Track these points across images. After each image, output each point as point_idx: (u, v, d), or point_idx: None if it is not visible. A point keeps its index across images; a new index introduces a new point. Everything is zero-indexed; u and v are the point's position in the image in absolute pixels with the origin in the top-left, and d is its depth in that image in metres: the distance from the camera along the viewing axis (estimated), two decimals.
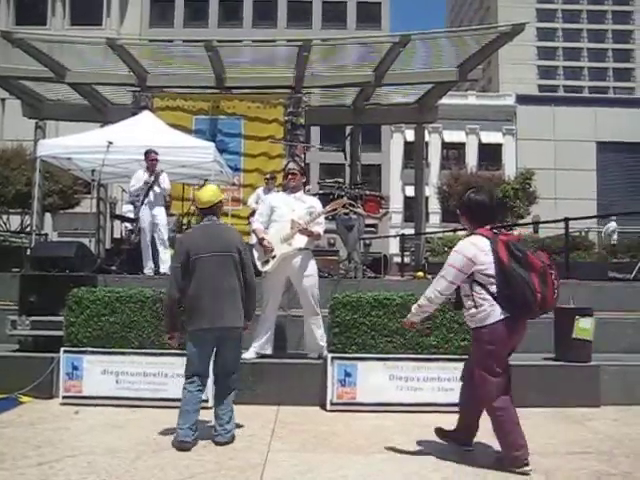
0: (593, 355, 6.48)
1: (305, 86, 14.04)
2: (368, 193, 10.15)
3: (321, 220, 6.49)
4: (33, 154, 14.32)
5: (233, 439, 4.80)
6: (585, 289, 8.40)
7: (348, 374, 6.00)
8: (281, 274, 6.39)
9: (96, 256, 10.24)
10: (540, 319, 7.02)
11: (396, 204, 42.60)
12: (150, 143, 9.70)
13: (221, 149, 12.25)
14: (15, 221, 24.74)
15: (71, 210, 25.99)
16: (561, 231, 12.65)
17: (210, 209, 5.04)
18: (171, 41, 18.50)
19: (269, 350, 6.46)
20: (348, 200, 8.78)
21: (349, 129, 17.27)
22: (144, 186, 9.47)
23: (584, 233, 21.80)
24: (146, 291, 6.38)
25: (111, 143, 9.47)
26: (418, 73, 14.16)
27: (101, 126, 14.03)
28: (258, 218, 6.57)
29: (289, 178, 6.56)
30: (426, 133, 19.08)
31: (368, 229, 17.24)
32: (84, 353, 6.10)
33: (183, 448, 4.58)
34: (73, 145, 10.36)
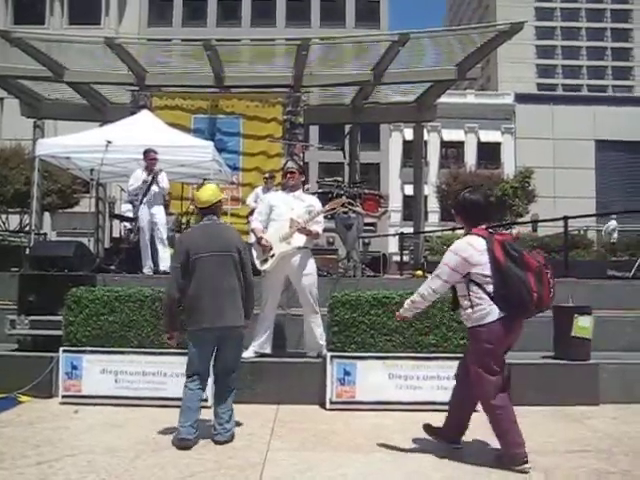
0: (592, 353, 6.48)
1: (304, 85, 14.04)
2: (367, 192, 10.15)
3: (320, 219, 6.48)
4: (32, 153, 14.33)
5: (233, 438, 4.80)
6: (584, 287, 8.41)
7: (347, 373, 6.00)
8: (280, 273, 6.39)
9: (95, 255, 10.24)
10: (539, 317, 7.04)
11: (395, 203, 42.57)
12: (149, 142, 9.70)
13: (220, 148, 12.24)
14: (14, 220, 24.72)
15: (70, 209, 25.98)
16: (560, 229, 12.68)
17: (209, 208, 5.03)
18: (170, 40, 18.49)
19: (268, 349, 6.46)
20: (347, 199, 8.77)
21: (348, 128, 17.25)
22: (143, 185, 9.47)
23: (583, 231, 21.83)
24: (145, 290, 6.37)
25: (110, 142, 9.46)
26: (417, 72, 14.16)
27: (100, 125, 14.02)
28: (257, 217, 6.57)
29: (288, 177, 6.55)
30: (425, 132, 19.09)
31: (367, 228, 17.26)
32: (83, 352, 6.10)
33: (184, 446, 4.58)
34: (72, 144, 10.35)
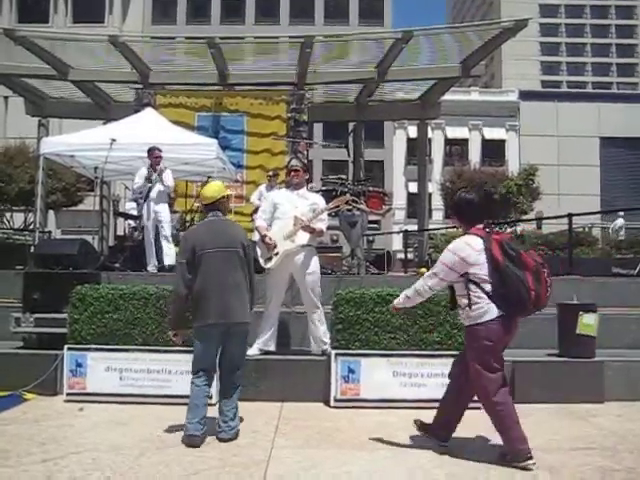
0: (597, 351, 6.48)
1: (308, 82, 14.03)
2: (371, 189, 10.16)
3: (324, 217, 6.47)
4: (36, 152, 14.33)
5: (237, 435, 4.80)
6: (589, 285, 8.41)
7: (352, 370, 6.00)
8: (284, 271, 6.39)
9: (99, 253, 10.24)
10: (543, 315, 7.03)
11: (399, 200, 42.53)
12: (153, 140, 9.70)
13: (224, 146, 12.26)
14: (18, 219, 24.72)
15: (74, 208, 25.96)
16: (565, 227, 12.64)
17: (214, 205, 5.04)
18: (173, 38, 18.48)
19: (272, 347, 6.47)
20: (351, 196, 8.77)
21: (352, 125, 17.22)
22: (145, 183, 9.48)
23: (587, 229, 21.75)
24: (149, 288, 6.39)
25: (114, 140, 9.47)
26: (421, 69, 14.14)
27: (104, 123, 14.04)
28: (261, 215, 6.56)
29: (292, 175, 6.55)
30: (429, 129, 19.06)
31: (371, 225, 17.22)
32: (88, 350, 6.11)
33: (193, 443, 4.58)
34: (76, 143, 10.37)
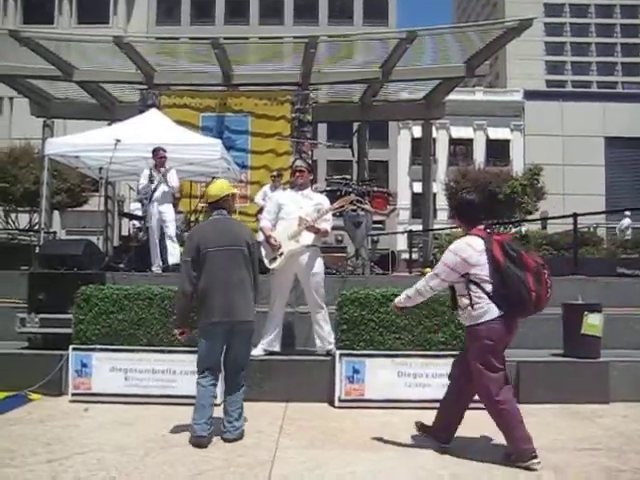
0: (602, 351, 6.46)
1: (312, 83, 14.02)
2: (376, 189, 10.15)
3: (328, 217, 6.47)
4: (41, 152, 14.34)
5: (242, 436, 4.81)
6: (594, 285, 8.39)
7: (356, 371, 6.00)
8: (288, 271, 6.39)
9: (104, 254, 10.28)
10: (548, 315, 7.02)
11: (404, 200, 42.52)
12: (157, 141, 9.71)
13: (228, 146, 12.24)
14: (24, 219, 24.76)
15: (79, 208, 26.01)
16: (569, 227, 12.59)
17: (218, 203, 5.04)
18: (178, 39, 18.51)
19: (277, 347, 6.47)
20: (356, 197, 8.76)
21: (356, 126, 17.19)
22: (149, 183, 9.49)
23: (592, 229, 21.69)
24: (154, 288, 6.39)
25: (119, 141, 9.47)
26: (425, 69, 14.10)
27: (109, 124, 14.06)
28: (266, 216, 6.56)
29: (297, 175, 6.54)
30: (433, 129, 19.01)
31: (376, 226, 17.25)
32: (93, 350, 6.12)
33: (200, 443, 4.58)
34: (81, 143, 10.37)
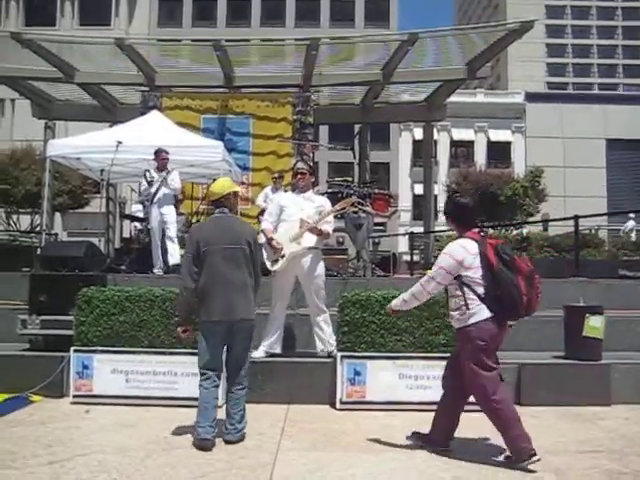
0: (604, 353, 6.44)
1: (313, 85, 14.03)
2: (377, 191, 10.15)
3: (330, 219, 6.47)
4: (43, 154, 14.36)
5: (244, 438, 4.80)
6: (595, 287, 8.38)
7: (358, 373, 5.99)
8: (290, 273, 6.38)
9: (105, 255, 10.27)
10: (550, 317, 7.02)
11: (405, 202, 42.51)
12: (158, 142, 9.72)
13: (230, 148, 12.26)
14: (25, 221, 24.77)
15: (80, 210, 26.02)
16: (571, 229, 12.57)
17: (220, 201, 5.02)
18: (179, 40, 18.51)
19: (278, 349, 6.47)
20: (357, 199, 8.76)
21: (358, 127, 17.22)
22: (149, 186, 9.50)
23: (594, 231, 21.66)
24: (155, 290, 6.38)
25: (120, 143, 9.48)
26: (427, 71, 14.12)
27: (110, 126, 14.07)
28: (267, 218, 6.56)
29: (298, 178, 6.54)
30: (435, 131, 19.02)
31: (377, 227, 17.23)
32: (94, 352, 6.12)
33: (204, 446, 4.57)
34: (82, 145, 10.38)
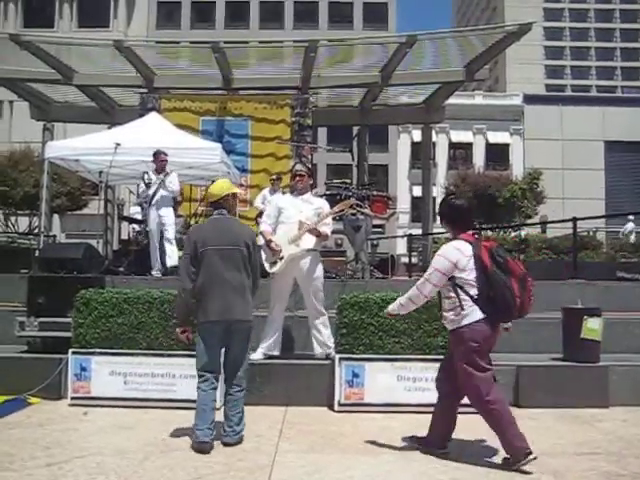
0: (602, 355, 6.46)
1: (312, 87, 14.03)
2: (375, 193, 10.16)
3: (328, 221, 6.47)
4: (41, 156, 14.36)
5: (242, 440, 4.79)
6: (593, 289, 8.39)
7: (356, 375, 5.99)
8: (288, 275, 6.39)
9: (104, 257, 10.26)
10: (548, 319, 7.03)
11: (403, 204, 42.55)
12: (157, 144, 9.72)
13: (228, 150, 12.24)
14: (23, 223, 24.81)
15: (79, 212, 26.08)
16: (569, 231, 12.59)
17: (219, 202, 5.01)
18: (178, 42, 18.54)
19: (277, 351, 6.47)
20: (355, 201, 8.77)
21: (356, 129, 17.24)
22: (147, 188, 9.51)
23: (592, 233, 21.69)
24: (154, 292, 6.38)
25: (119, 145, 9.47)
26: (425, 73, 14.12)
27: (108, 128, 14.06)
28: (266, 220, 6.56)
29: (297, 180, 6.55)
30: (433, 133, 19.03)
31: (375, 229, 17.23)
32: (92, 354, 6.11)
33: (202, 449, 4.55)
34: (81, 147, 10.37)
